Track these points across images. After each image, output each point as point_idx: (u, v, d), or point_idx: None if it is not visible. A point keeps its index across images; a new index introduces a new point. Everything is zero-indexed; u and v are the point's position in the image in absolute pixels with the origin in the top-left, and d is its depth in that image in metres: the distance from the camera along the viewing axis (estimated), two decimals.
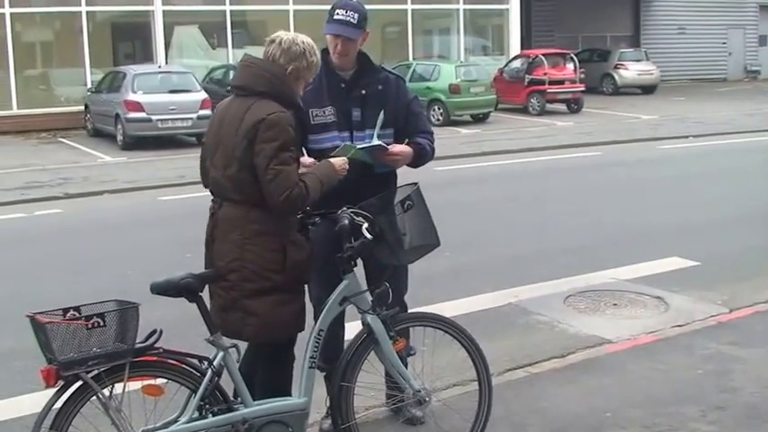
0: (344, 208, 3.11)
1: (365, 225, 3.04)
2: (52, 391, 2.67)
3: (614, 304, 5.56)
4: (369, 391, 3.38)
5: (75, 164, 13.20)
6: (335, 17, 3.37)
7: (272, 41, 3.04)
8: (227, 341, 2.94)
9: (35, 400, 3.59)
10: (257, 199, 2.91)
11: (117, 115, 14.81)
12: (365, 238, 3.01)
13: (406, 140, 3.48)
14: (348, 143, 3.34)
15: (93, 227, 8.66)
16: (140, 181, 11.39)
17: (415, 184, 3.29)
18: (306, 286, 3.14)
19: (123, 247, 7.51)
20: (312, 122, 3.44)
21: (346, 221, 3.04)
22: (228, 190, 2.97)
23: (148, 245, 7.28)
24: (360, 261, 3.27)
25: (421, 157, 3.51)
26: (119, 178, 11.67)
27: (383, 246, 3.11)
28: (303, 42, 3.04)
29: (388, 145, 3.37)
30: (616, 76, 24.76)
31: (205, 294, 2.94)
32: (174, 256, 6.32)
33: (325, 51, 3.49)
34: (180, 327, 3.08)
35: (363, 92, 3.47)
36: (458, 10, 22.87)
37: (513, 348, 4.72)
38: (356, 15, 3.37)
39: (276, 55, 3.00)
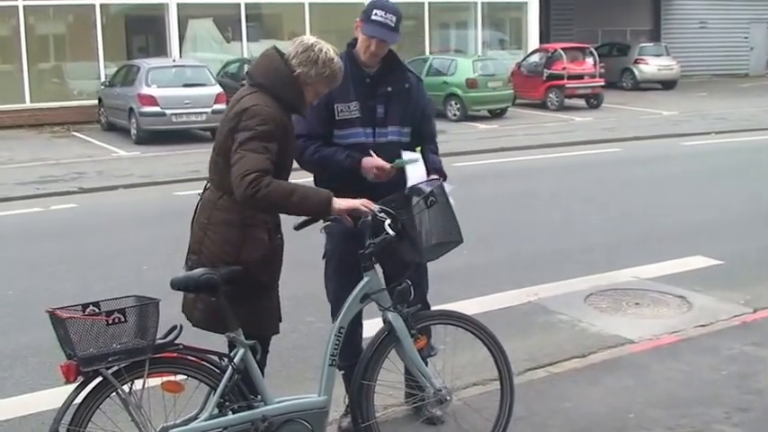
0: None
1: (387, 221, 2.99)
2: (70, 386, 2.65)
3: (636, 303, 5.48)
4: (389, 389, 3.34)
5: (90, 158, 13.22)
6: (373, 18, 3.31)
7: (296, 40, 3.00)
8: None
9: (52, 397, 3.58)
10: (228, 186, 2.85)
11: (131, 109, 14.81)
12: (387, 234, 2.97)
13: (418, 148, 3.50)
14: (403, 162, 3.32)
15: (109, 222, 8.66)
16: (155, 176, 11.39)
17: (438, 179, 3.24)
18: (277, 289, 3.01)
19: (139, 243, 7.51)
20: (337, 117, 3.40)
21: (369, 217, 3.00)
22: (211, 172, 3.00)
23: (164, 240, 7.25)
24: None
25: None
26: (133, 173, 11.68)
27: (405, 242, 3.06)
28: (321, 51, 2.93)
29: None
30: (636, 71, 24.53)
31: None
32: None
33: (350, 45, 3.44)
34: None
35: (390, 89, 3.43)
36: (475, 3, 22.73)
37: (534, 348, 4.67)
38: (394, 18, 3.33)
39: (291, 55, 2.95)
